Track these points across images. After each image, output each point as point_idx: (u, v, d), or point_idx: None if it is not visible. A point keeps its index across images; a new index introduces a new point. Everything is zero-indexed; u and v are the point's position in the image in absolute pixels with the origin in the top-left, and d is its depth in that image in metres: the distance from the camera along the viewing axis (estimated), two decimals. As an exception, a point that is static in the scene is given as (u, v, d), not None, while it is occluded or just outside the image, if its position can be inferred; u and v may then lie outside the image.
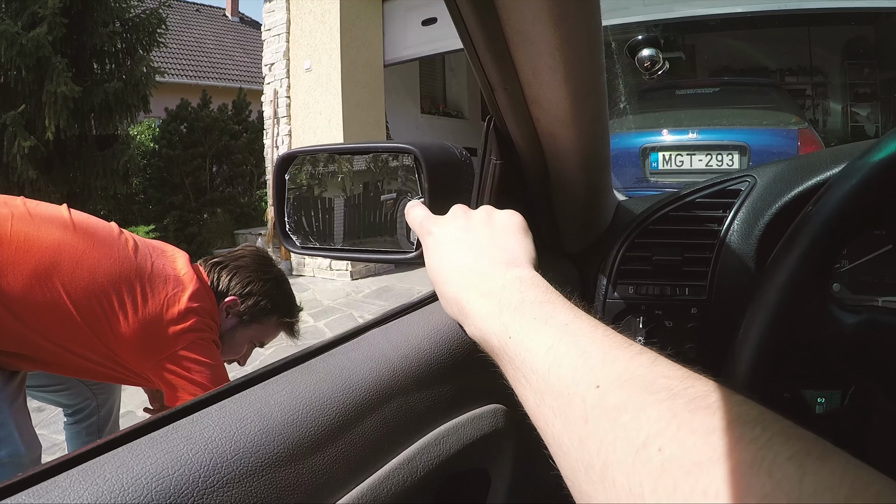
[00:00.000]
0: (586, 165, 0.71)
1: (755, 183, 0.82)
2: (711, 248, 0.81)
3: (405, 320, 0.68)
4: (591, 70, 0.58)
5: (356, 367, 0.57)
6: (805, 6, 5.93)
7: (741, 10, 6.03)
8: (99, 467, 0.42)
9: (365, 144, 0.77)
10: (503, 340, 0.43)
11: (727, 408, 0.28)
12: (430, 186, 0.66)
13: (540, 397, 0.38)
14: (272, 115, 8.42)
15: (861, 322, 0.60)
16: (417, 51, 8.13)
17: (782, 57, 8.58)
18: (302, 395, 0.52)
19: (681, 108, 5.79)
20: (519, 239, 0.54)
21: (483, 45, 0.54)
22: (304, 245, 0.83)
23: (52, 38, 8.42)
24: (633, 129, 5.31)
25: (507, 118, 0.66)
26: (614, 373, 0.34)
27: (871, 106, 8.69)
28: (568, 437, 0.34)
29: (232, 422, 0.47)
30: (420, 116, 10.89)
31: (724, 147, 5.09)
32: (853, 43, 8.37)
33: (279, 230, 0.83)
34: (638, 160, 5.24)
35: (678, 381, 0.31)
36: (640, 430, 0.29)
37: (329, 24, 7.70)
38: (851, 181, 0.58)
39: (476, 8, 0.49)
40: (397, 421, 0.58)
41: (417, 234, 0.63)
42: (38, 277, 1.37)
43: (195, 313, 1.52)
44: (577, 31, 0.51)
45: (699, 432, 0.27)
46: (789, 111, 5.55)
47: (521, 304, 0.44)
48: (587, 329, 0.39)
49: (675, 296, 0.82)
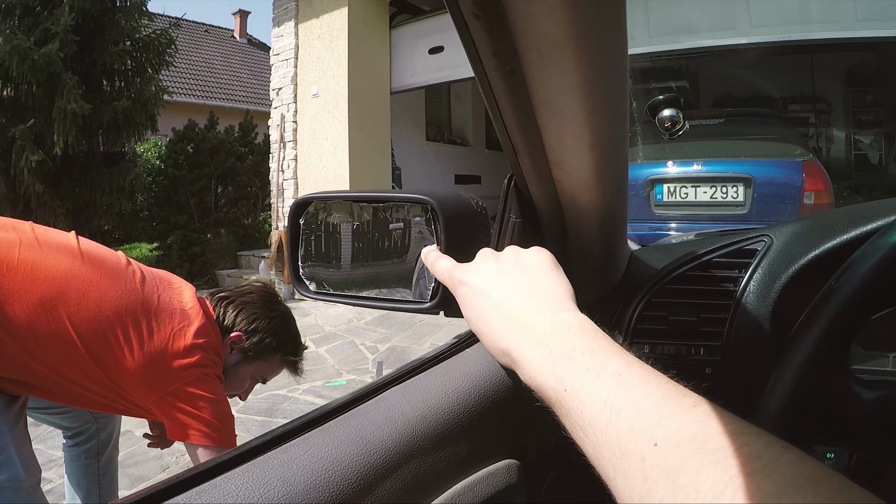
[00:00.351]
0: (605, 224, 0.72)
1: (771, 243, 0.82)
2: (727, 308, 0.81)
3: (424, 377, 0.68)
4: (616, 137, 0.58)
5: (376, 428, 0.57)
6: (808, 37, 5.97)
7: (745, 42, 6.08)
8: None
9: (381, 193, 0.78)
10: (559, 393, 0.43)
11: (782, 469, 0.29)
12: (447, 238, 0.66)
13: (600, 451, 0.38)
14: (279, 139, 8.48)
15: (878, 398, 0.60)
16: (424, 78, 8.20)
17: (785, 85, 8.61)
18: (323, 459, 0.52)
19: (685, 139, 5.82)
20: (555, 277, 0.55)
21: (510, 113, 0.55)
22: (319, 290, 0.83)
23: (64, 54, 8.54)
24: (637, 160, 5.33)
25: (528, 179, 0.66)
26: (670, 429, 0.34)
27: (875, 133, 8.69)
28: (629, 495, 0.35)
29: (255, 487, 0.47)
30: (425, 143, 10.94)
31: (729, 179, 5.10)
32: (856, 70, 8.39)
33: (292, 275, 0.83)
34: (643, 191, 5.26)
35: (732, 438, 0.32)
36: (698, 492, 0.30)
37: (337, 51, 7.78)
38: (872, 259, 0.59)
39: (506, 77, 0.50)
40: (415, 481, 0.57)
41: (447, 285, 0.62)
42: (43, 307, 1.37)
43: (200, 349, 1.51)
44: (605, 104, 0.51)
45: (756, 498, 0.28)
46: (793, 142, 5.56)
47: (573, 353, 0.44)
48: (641, 380, 0.40)
49: (690, 356, 0.82)
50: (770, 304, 0.78)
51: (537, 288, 0.53)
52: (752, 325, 0.79)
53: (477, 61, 0.50)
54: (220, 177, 10.70)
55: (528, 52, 0.46)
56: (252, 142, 11.53)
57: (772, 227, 0.84)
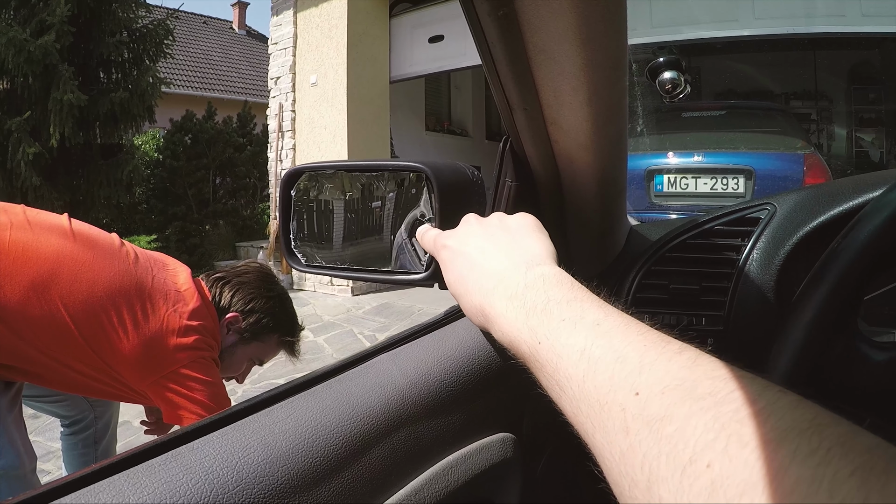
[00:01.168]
0: (603, 191, 0.70)
1: (775, 211, 0.80)
2: (729, 277, 0.79)
3: (415, 345, 0.66)
4: (615, 94, 0.56)
5: (364, 393, 0.55)
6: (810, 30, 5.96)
7: (748, 34, 6.06)
8: (93, 495, 0.40)
9: (374, 162, 0.76)
10: (533, 347, 0.41)
11: (780, 414, 0.26)
12: (442, 206, 0.65)
13: (577, 406, 0.35)
14: (277, 129, 8.45)
15: (891, 360, 0.58)
16: (424, 68, 8.17)
17: (787, 81, 8.61)
18: (307, 423, 0.50)
19: (686, 131, 5.80)
20: (537, 237, 0.53)
21: (504, 63, 0.52)
22: (310, 263, 0.81)
23: (60, 46, 8.51)
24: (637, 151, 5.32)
25: (524, 139, 0.64)
26: (654, 377, 0.32)
27: (876, 131, 8.69)
28: (609, 451, 0.32)
29: (235, 450, 0.45)
30: (425, 134, 10.93)
31: (730, 171, 5.09)
32: (858, 68, 8.39)
33: (284, 247, 0.81)
34: (643, 182, 5.24)
35: (723, 383, 0.29)
36: (686, 443, 0.27)
37: (336, 40, 7.74)
38: (883, 215, 0.57)
39: (499, 22, 0.48)
40: (406, 450, 0.55)
41: (432, 254, 0.61)
42: (35, 290, 1.34)
43: (196, 331, 1.49)
44: (603, 52, 0.49)
45: (751, 445, 0.25)
46: (795, 135, 5.55)
47: (548, 304, 0.42)
48: (621, 328, 0.37)
49: (692, 325, 0.80)
50: (774, 272, 0.76)
51: (516, 247, 0.51)
52: (755, 294, 0.77)
53: (469, 4, 0.48)
54: (219, 168, 10.68)
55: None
56: (250, 132, 11.50)
57: (775, 196, 0.82)
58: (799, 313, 0.59)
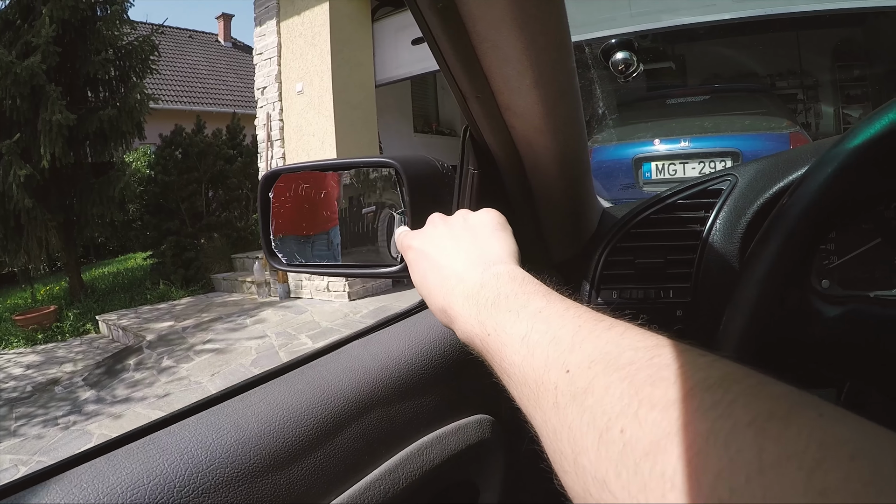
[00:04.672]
0: (566, 172, 0.71)
1: (736, 181, 0.82)
2: (694, 249, 0.81)
3: (386, 332, 0.68)
4: (562, 74, 0.58)
5: (335, 378, 0.57)
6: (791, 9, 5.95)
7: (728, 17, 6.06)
8: (76, 477, 0.42)
9: (347, 160, 0.77)
10: (483, 339, 0.43)
11: (690, 373, 0.26)
12: (412, 200, 0.66)
13: (520, 389, 0.37)
14: (266, 139, 8.45)
15: (844, 314, 0.59)
16: (408, 70, 8.17)
17: (772, 62, 8.59)
18: (279, 407, 0.52)
19: (672, 118, 5.81)
20: (497, 236, 0.54)
21: (451, 53, 0.54)
22: (290, 262, 0.83)
23: (46, 66, 8.51)
24: (624, 140, 5.33)
25: (482, 127, 0.65)
26: (583, 353, 0.33)
27: (864, 107, 8.67)
28: (544, 428, 0.33)
29: (208, 433, 0.47)
30: (413, 135, 10.93)
31: (717, 154, 5.10)
32: (843, 45, 8.36)
33: (265, 248, 0.83)
34: (631, 171, 5.25)
35: (644, 351, 0.30)
36: (604, 412, 0.28)
37: (319, 47, 7.75)
38: (827, 170, 0.58)
39: (440, 15, 0.49)
40: (378, 432, 0.57)
41: (401, 252, 0.63)
42: None
43: None
44: (542, 35, 0.51)
45: (659, 407, 0.26)
46: (780, 115, 5.56)
47: (497, 299, 0.44)
48: (559, 312, 0.38)
49: (660, 298, 0.81)
50: (737, 241, 0.78)
51: (477, 247, 0.53)
52: (720, 263, 0.78)
53: (412, 1, 0.50)
54: (210, 180, 10.65)
55: None
56: (240, 144, 11.48)
57: (737, 167, 0.84)
58: (751, 270, 0.60)
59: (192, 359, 5.86)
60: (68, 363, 6.77)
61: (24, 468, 3.92)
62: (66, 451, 4.04)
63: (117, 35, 9.91)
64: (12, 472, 3.89)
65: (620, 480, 0.26)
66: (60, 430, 4.58)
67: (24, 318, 8.49)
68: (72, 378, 6.04)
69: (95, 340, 7.90)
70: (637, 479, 0.25)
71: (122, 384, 5.50)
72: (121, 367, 6.06)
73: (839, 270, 0.79)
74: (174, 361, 5.87)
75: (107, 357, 6.72)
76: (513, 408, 0.73)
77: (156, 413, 4.56)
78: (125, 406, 4.89)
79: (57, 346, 7.78)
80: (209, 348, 6.13)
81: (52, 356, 7.25)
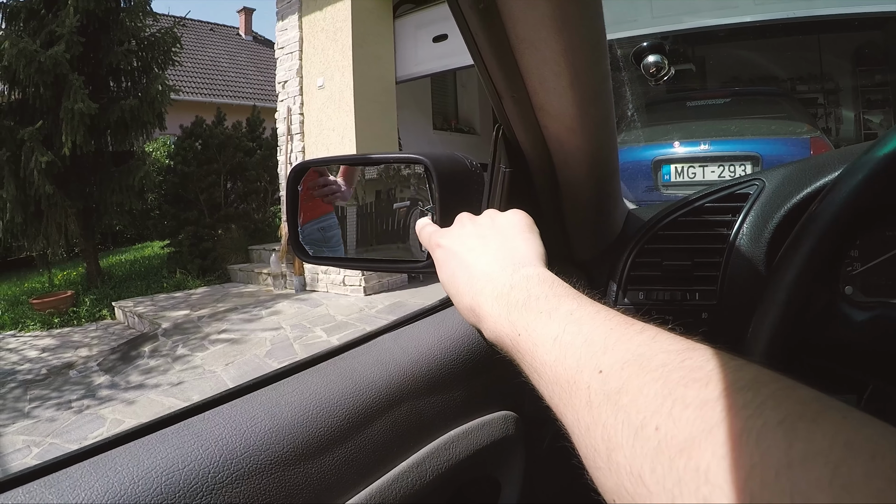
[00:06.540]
0: (594, 172, 0.72)
1: (763, 186, 0.82)
2: (721, 252, 0.81)
3: (416, 326, 0.68)
4: (596, 76, 0.58)
5: (366, 369, 0.58)
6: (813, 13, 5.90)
7: (750, 20, 6.02)
8: (110, 460, 0.43)
9: (377, 155, 0.78)
10: (514, 339, 0.44)
11: (721, 376, 0.28)
12: (441, 196, 0.67)
13: (552, 389, 0.38)
14: (286, 132, 8.48)
15: (872, 318, 0.59)
16: (429, 67, 8.17)
17: (792, 65, 8.51)
18: (312, 396, 0.53)
19: (692, 120, 5.77)
20: (525, 238, 0.55)
21: (489, 53, 0.55)
22: (317, 255, 0.83)
23: (70, 56, 8.59)
24: (644, 142, 5.30)
25: (515, 126, 0.66)
26: (616, 355, 0.34)
27: (884, 112, 8.57)
28: (577, 426, 0.34)
29: (242, 420, 0.48)
30: (432, 132, 10.92)
31: (736, 158, 5.06)
32: (863, 49, 8.26)
33: (292, 241, 0.83)
34: (650, 173, 5.23)
35: (676, 354, 0.31)
36: (638, 410, 0.30)
37: (341, 42, 7.76)
38: (858, 177, 0.58)
39: (481, 15, 0.50)
40: (407, 424, 0.58)
41: (428, 249, 0.63)
42: None
43: None
44: (580, 37, 0.51)
45: (693, 406, 0.27)
46: (801, 120, 5.51)
47: (528, 300, 0.44)
48: (590, 315, 0.39)
49: (686, 301, 0.81)
50: (764, 245, 0.78)
51: (506, 248, 0.53)
52: (746, 267, 0.79)
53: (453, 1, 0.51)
54: (229, 172, 10.71)
55: None
56: (260, 137, 11.54)
57: (764, 172, 0.84)
58: (780, 274, 0.60)
59: (207, 348, 5.90)
60: (83, 348, 6.84)
61: (36, 449, 3.97)
62: (79, 435, 4.10)
63: (140, 26, 9.98)
64: (24, 452, 3.94)
65: (655, 475, 0.27)
66: (74, 413, 4.63)
67: (40, 301, 8.59)
68: (87, 362, 6.12)
69: (111, 326, 7.98)
70: (672, 474, 0.26)
71: (137, 370, 5.56)
72: (136, 354, 6.12)
73: (862, 277, 0.79)
74: (189, 350, 5.92)
75: (122, 343, 6.78)
76: (536, 405, 0.74)
77: (169, 400, 4.61)
78: (139, 392, 4.93)
79: (73, 331, 7.86)
80: (224, 338, 6.16)
81: (68, 340, 7.33)
